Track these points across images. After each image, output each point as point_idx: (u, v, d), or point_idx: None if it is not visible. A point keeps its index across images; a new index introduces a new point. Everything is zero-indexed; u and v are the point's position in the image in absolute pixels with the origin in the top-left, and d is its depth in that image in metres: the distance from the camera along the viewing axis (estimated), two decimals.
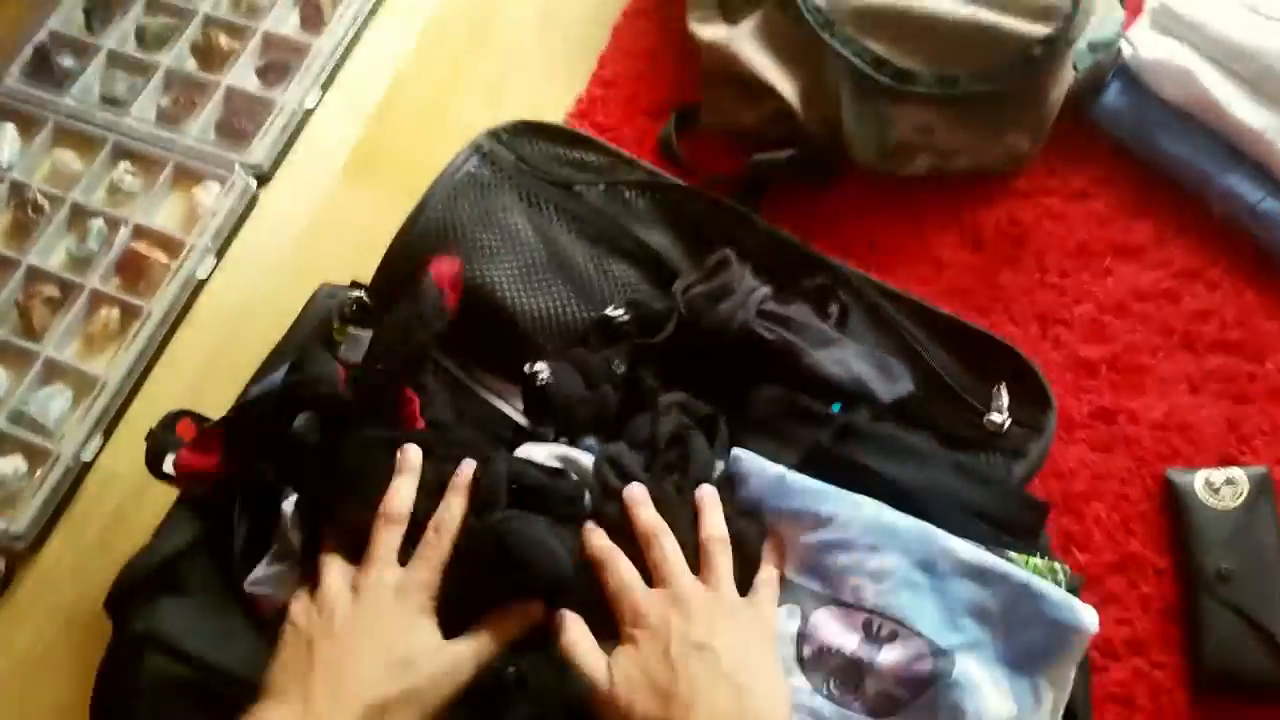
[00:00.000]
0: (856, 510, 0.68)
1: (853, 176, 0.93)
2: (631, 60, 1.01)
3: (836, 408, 0.75)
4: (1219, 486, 0.80)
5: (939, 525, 0.67)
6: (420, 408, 0.69)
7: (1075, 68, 0.91)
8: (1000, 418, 0.77)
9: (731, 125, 0.94)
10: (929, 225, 0.92)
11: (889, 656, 0.64)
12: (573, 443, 0.73)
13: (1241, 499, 0.80)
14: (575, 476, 0.69)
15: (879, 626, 0.65)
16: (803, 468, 0.71)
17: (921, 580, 0.66)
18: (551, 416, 0.73)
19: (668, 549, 0.65)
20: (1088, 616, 0.64)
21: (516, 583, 0.63)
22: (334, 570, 0.64)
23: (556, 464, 0.69)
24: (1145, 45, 0.90)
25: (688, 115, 0.96)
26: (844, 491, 0.69)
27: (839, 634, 0.66)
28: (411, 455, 0.66)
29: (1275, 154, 0.86)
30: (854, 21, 0.88)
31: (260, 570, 0.68)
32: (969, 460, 0.75)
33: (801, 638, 0.66)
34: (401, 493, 0.65)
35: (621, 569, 0.64)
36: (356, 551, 0.64)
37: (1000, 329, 0.86)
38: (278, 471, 0.68)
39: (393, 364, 0.67)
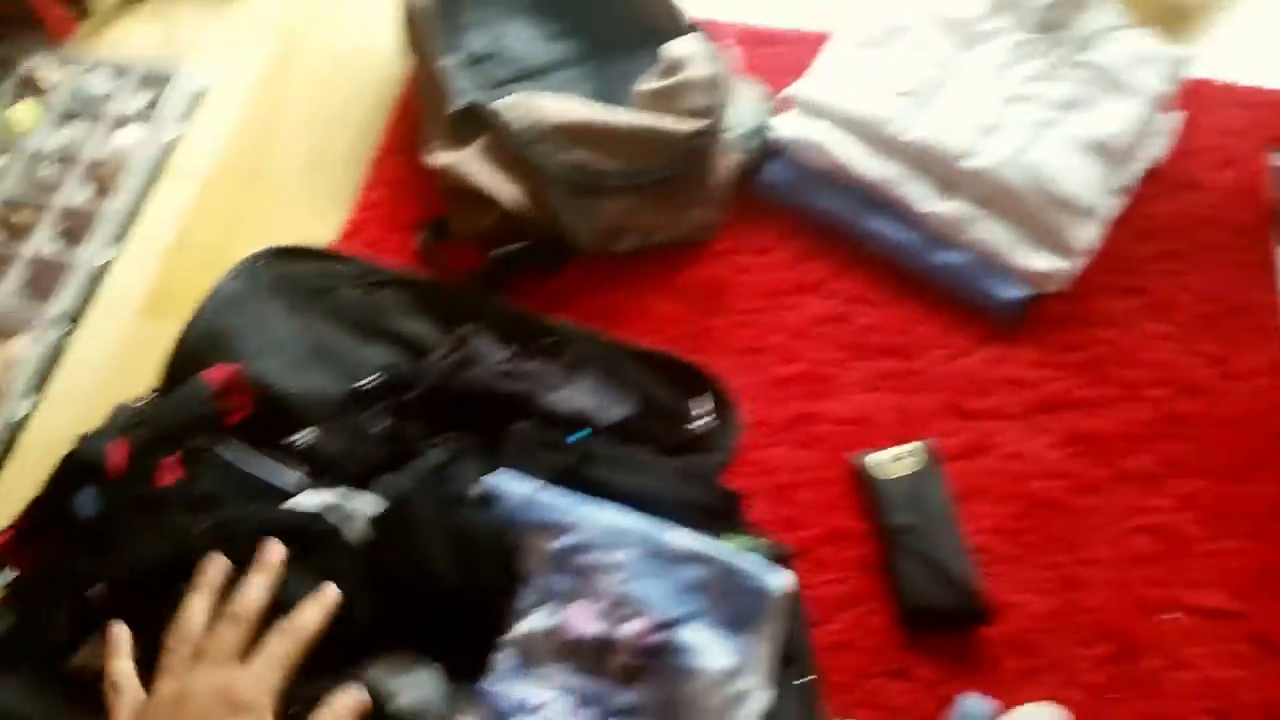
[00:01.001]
0: (594, 516, 0.76)
1: (580, 259, 1.04)
2: (390, 188, 1.11)
3: (579, 436, 0.85)
4: (895, 460, 0.92)
5: (663, 519, 0.77)
6: (189, 484, 0.75)
7: (743, 150, 1.06)
8: (701, 423, 0.88)
9: (475, 230, 1.04)
10: (646, 289, 1.04)
11: (627, 633, 0.72)
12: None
13: (913, 468, 0.92)
14: (342, 519, 0.76)
15: (618, 610, 0.74)
16: (550, 487, 0.79)
17: (649, 567, 0.74)
18: (321, 475, 0.81)
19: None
20: (781, 579, 0.74)
21: None
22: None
23: (321, 509, 0.76)
24: (790, 126, 1.06)
25: (440, 226, 1.07)
26: (583, 501, 0.77)
27: (590, 623, 0.73)
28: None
29: (902, 198, 1.02)
30: (555, 136, 1.00)
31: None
32: (682, 463, 0.85)
33: (557, 631, 0.74)
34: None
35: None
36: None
37: (711, 362, 0.97)
38: (79, 548, 0.73)
39: (154, 427, 0.74)
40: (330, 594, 0.69)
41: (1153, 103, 1.01)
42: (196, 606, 0.65)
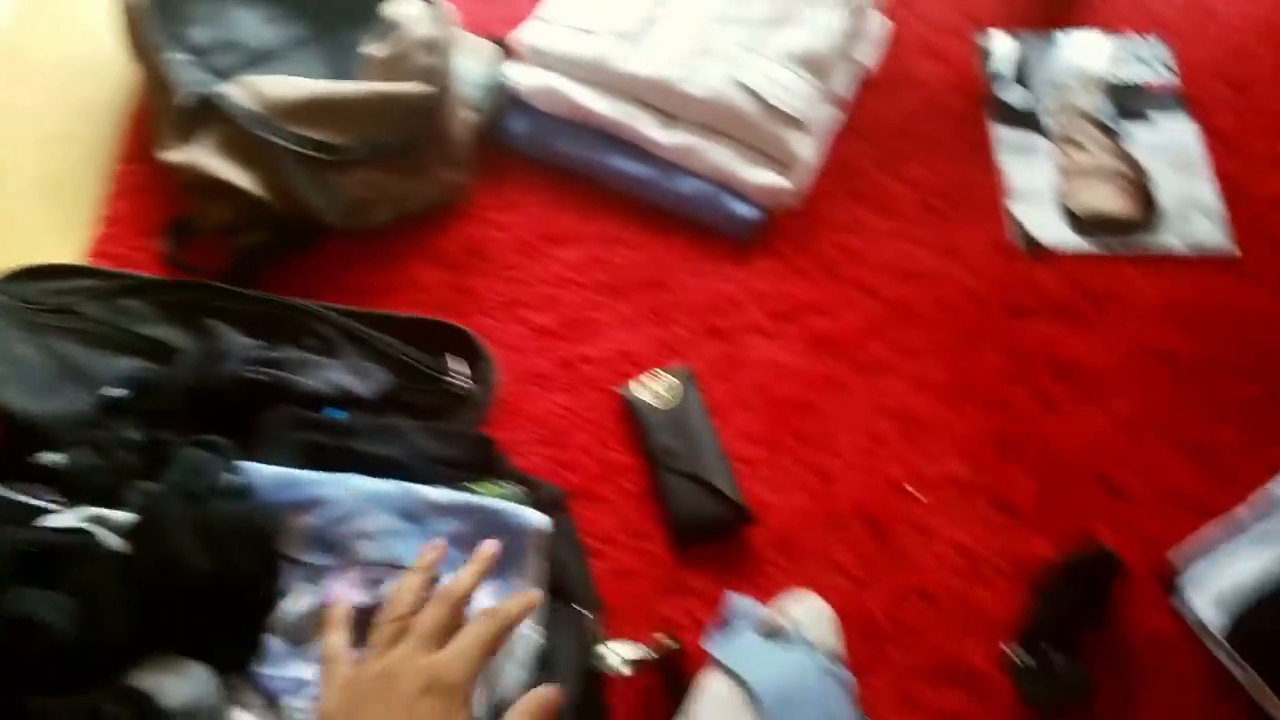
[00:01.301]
0: (344, 487, 0.77)
1: (334, 238, 1.04)
2: (133, 197, 1.08)
3: (337, 415, 0.86)
4: (656, 389, 0.95)
5: (419, 481, 0.78)
6: None
7: (479, 106, 1.07)
8: (458, 381, 0.89)
9: (221, 224, 1.03)
10: (404, 259, 1.04)
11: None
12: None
13: (673, 393, 0.95)
14: (97, 530, 0.75)
15: (379, 574, 0.75)
16: (304, 466, 0.79)
17: (406, 527, 0.76)
18: (76, 493, 0.80)
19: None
20: (536, 518, 0.77)
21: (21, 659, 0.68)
22: None
23: (81, 524, 0.75)
24: (523, 77, 1.07)
25: (184, 226, 1.05)
26: (333, 475, 0.78)
27: (351, 593, 0.75)
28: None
29: (636, 133, 1.04)
30: (285, 116, 0.99)
31: None
32: (437, 424, 0.86)
33: (322, 608, 0.75)
34: None
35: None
36: None
37: (476, 322, 0.99)
38: None
39: None
40: (535, 595, 0.68)
41: (853, 8, 1.05)
42: (409, 584, 0.65)
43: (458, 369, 0.91)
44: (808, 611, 0.81)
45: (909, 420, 0.94)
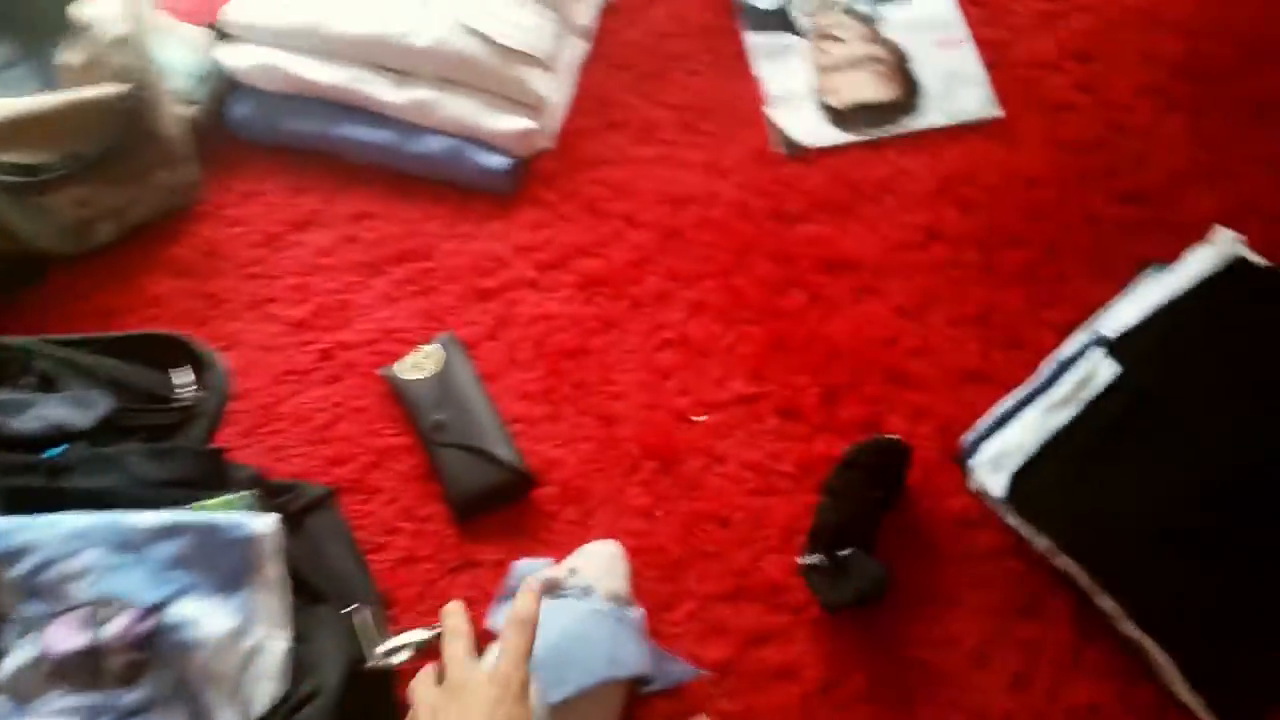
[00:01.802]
0: (49, 529, 0.71)
1: (61, 265, 0.97)
2: None
3: (57, 451, 0.80)
4: (418, 363, 0.91)
5: (139, 508, 0.73)
6: None
7: (194, 97, 1.01)
8: (188, 394, 0.84)
9: None
10: (139, 274, 0.98)
11: (112, 633, 0.69)
12: None
13: (437, 365, 0.90)
14: None
15: (97, 614, 0.70)
16: (16, 513, 0.74)
17: (121, 560, 0.71)
18: None
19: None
20: (258, 524, 0.72)
21: None
22: None
23: None
24: (237, 58, 1.01)
25: None
26: (35, 518, 0.72)
27: (70, 638, 0.69)
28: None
29: (366, 97, 0.99)
30: None
31: None
32: (160, 445, 0.81)
33: (42, 658, 0.69)
34: None
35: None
36: None
37: (222, 327, 0.94)
38: None
39: None
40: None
41: None
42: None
43: (183, 383, 0.85)
44: (589, 558, 0.78)
45: (689, 348, 0.91)
